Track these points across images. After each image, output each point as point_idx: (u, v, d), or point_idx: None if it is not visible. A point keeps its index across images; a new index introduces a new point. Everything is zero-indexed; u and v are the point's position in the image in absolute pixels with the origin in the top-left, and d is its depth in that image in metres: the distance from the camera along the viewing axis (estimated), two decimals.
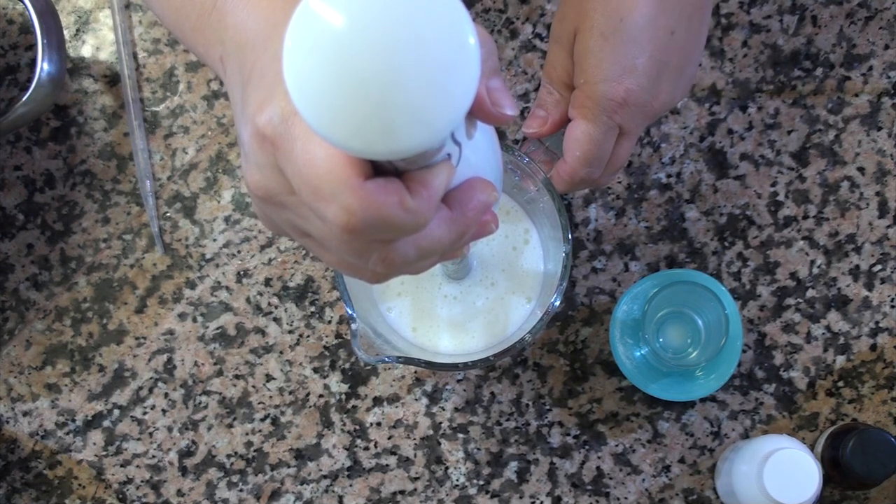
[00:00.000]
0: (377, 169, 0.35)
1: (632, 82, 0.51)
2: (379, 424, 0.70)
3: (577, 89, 0.53)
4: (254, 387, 0.71)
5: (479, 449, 0.70)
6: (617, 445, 0.70)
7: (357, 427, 0.71)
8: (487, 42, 0.34)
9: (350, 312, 0.56)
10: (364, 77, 0.29)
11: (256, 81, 0.37)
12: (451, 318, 0.65)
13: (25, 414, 0.72)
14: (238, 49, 0.40)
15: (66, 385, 0.72)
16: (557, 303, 0.57)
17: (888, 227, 0.70)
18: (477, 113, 0.36)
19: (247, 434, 0.71)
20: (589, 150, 0.53)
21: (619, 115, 0.51)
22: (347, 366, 0.71)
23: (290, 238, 0.41)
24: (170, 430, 0.71)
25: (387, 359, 0.56)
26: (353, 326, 0.56)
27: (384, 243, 0.36)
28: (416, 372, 0.70)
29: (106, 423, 0.71)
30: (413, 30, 0.29)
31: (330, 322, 0.71)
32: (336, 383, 0.71)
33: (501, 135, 0.71)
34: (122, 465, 0.71)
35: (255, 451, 0.71)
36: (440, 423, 0.70)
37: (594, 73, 0.51)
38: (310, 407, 0.71)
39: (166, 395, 0.71)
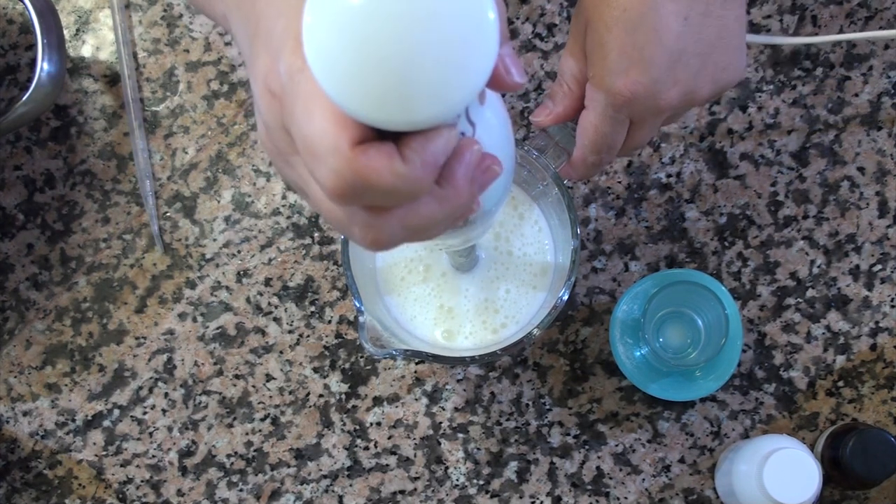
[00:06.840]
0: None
1: (637, 74, 0.49)
2: (379, 424, 0.70)
3: (588, 81, 0.52)
4: (254, 387, 0.71)
5: (479, 449, 0.70)
6: (617, 445, 0.70)
7: (357, 427, 0.71)
8: (499, 7, 0.34)
9: (358, 305, 0.56)
10: (382, 51, 0.30)
11: (264, 38, 0.37)
12: (458, 311, 0.64)
13: (25, 414, 0.72)
14: (239, 4, 0.40)
15: (66, 385, 0.72)
16: (566, 297, 0.57)
17: (888, 227, 0.70)
18: (489, 80, 0.35)
19: (247, 434, 0.71)
20: (596, 140, 0.53)
21: (626, 108, 0.50)
22: (347, 366, 0.71)
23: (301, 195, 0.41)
24: (170, 429, 0.71)
25: (394, 352, 0.56)
26: (361, 319, 0.56)
27: (372, 214, 0.35)
28: (416, 371, 0.70)
29: (106, 423, 0.71)
30: (432, 2, 0.29)
31: (330, 322, 0.71)
32: (336, 383, 0.71)
33: None
34: (122, 465, 0.71)
35: (255, 451, 0.71)
36: (440, 422, 0.70)
37: (601, 65, 0.50)
38: (310, 407, 0.71)
39: (166, 394, 0.71)
